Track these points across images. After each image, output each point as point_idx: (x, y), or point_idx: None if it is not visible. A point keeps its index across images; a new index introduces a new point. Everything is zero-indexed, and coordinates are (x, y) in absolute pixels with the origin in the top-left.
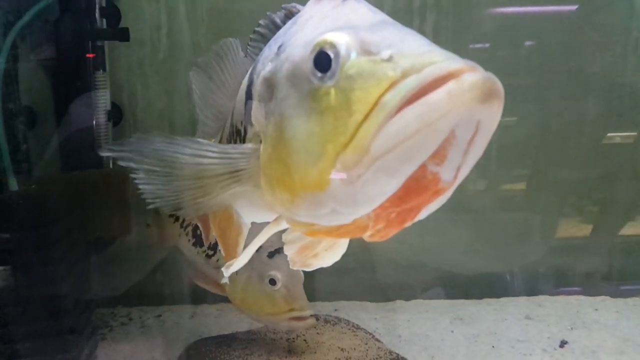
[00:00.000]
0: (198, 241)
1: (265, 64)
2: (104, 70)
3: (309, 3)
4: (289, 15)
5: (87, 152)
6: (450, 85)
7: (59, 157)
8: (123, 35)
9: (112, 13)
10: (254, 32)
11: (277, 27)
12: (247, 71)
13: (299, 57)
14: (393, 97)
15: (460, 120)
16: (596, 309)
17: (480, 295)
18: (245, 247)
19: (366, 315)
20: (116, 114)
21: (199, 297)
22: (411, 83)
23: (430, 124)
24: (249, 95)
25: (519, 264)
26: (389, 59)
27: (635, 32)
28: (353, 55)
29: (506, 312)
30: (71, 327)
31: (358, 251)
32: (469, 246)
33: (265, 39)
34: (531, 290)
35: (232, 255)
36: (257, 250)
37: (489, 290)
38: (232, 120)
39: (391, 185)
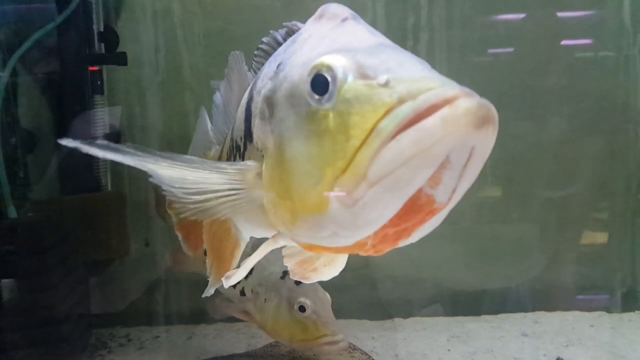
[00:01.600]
0: None
1: (265, 81)
2: (102, 93)
3: (308, 21)
4: (290, 32)
5: (85, 176)
6: (445, 111)
7: (57, 180)
8: (121, 59)
9: (111, 37)
10: (258, 48)
11: (279, 44)
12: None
13: (297, 78)
14: (389, 123)
15: (455, 146)
16: (592, 325)
17: (478, 312)
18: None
19: (364, 334)
20: (114, 136)
21: (197, 317)
22: (407, 109)
23: (425, 149)
24: (248, 112)
25: (516, 280)
26: (386, 84)
27: (625, 50)
28: (350, 79)
29: (503, 329)
30: (69, 350)
31: (357, 268)
32: (466, 262)
33: (267, 55)
34: (528, 306)
35: (223, 267)
36: (284, 277)
37: (486, 307)
38: (232, 135)
39: (390, 209)
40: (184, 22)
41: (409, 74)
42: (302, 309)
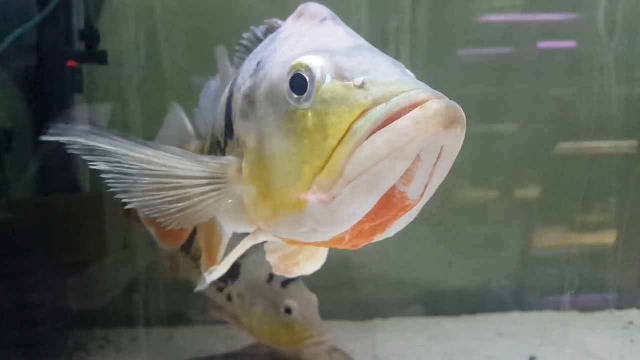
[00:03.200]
0: None
1: (245, 79)
2: (82, 92)
3: (288, 20)
4: (270, 29)
5: (64, 175)
6: (416, 112)
7: (35, 180)
8: (101, 58)
9: (91, 36)
10: (238, 44)
11: (259, 40)
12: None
13: (277, 77)
14: (364, 124)
15: (426, 145)
16: (564, 325)
17: (457, 312)
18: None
19: (345, 335)
20: None
21: (176, 319)
22: (381, 111)
23: (398, 148)
24: (229, 108)
25: (495, 281)
26: (362, 86)
27: (599, 58)
28: (328, 79)
29: (480, 329)
30: (47, 352)
31: (338, 269)
32: (446, 263)
33: (248, 51)
34: (506, 306)
35: (213, 261)
36: (270, 280)
37: (465, 307)
38: (213, 131)
39: (365, 206)
40: (165, 20)
41: (383, 77)
42: (288, 311)
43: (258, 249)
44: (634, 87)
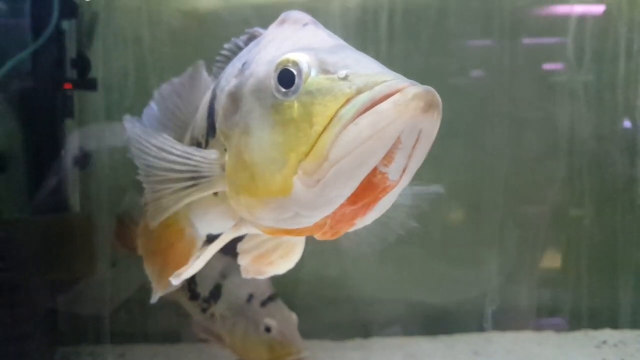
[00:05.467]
0: (194, 295)
1: (229, 79)
2: (73, 117)
3: (270, 27)
4: (252, 38)
5: (55, 196)
6: (397, 96)
7: (27, 200)
8: (91, 85)
9: (83, 64)
10: (219, 54)
11: (240, 49)
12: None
13: (263, 74)
14: (349, 110)
15: (405, 127)
16: (539, 344)
17: (435, 332)
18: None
19: (325, 354)
20: (84, 159)
21: (162, 336)
22: (364, 98)
23: (380, 130)
24: (211, 109)
25: (474, 301)
26: (345, 78)
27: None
28: (313, 73)
29: (456, 349)
30: None
31: (318, 289)
32: (426, 283)
33: (228, 60)
34: (484, 326)
35: (169, 271)
36: (250, 300)
37: (444, 327)
38: (192, 134)
39: (348, 187)
40: (154, 49)
41: (365, 70)
42: (267, 329)
43: (239, 270)
44: None
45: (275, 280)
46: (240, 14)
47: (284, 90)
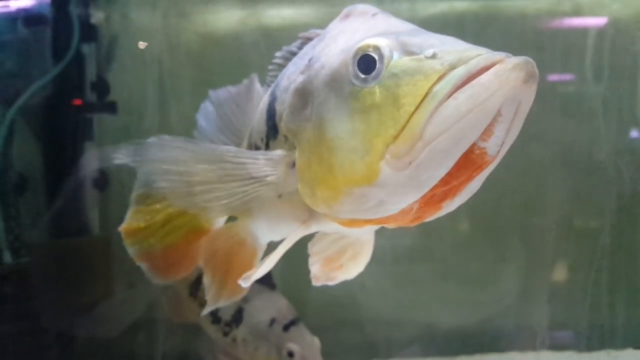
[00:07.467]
0: (216, 319)
1: (293, 77)
2: (93, 139)
3: (333, 22)
4: (305, 42)
5: (75, 219)
6: (498, 67)
7: (47, 223)
8: (111, 108)
9: (102, 87)
10: (272, 63)
11: (294, 55)
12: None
13: (338, 63)
14: (445, 86)
15: (507, 99)
16: None
17: (455, 352)
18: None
19: None
20: (103, 180)
21: (181, 358)
22: (460, 72)
23: (481, 102)
24: (271, 111)
25: (494, 320)
26: (434, 56)
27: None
28: (396, 56)
29: None
30: None
31: (336, 309)
32: (445, 303)
33: (281, 68)
34: (503, 346)
35: (230, 281)
36: (272, 324)
37: (464, 347)
38: (249, 141)
39: (443, 167)
40: (172, 72)
41: (454, 47)
42: (290, 354)
43: (260, 293)
44: None
45: (295, 302)
46: (256, 37)
47: (363, 76)
